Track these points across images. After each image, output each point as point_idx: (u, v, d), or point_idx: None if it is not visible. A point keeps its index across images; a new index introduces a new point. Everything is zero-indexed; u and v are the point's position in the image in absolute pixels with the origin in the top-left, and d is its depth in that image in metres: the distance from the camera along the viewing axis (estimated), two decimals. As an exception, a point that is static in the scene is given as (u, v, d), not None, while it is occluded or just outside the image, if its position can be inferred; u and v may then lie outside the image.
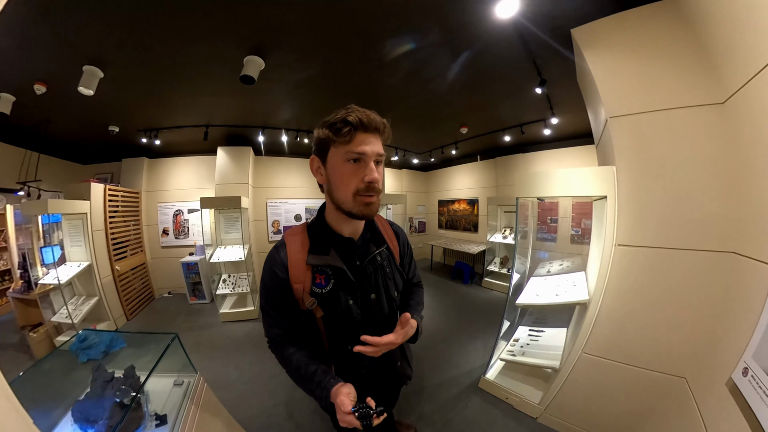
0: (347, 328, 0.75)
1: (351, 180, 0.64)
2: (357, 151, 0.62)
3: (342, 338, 0.76)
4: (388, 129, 0.67)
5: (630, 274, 1.36)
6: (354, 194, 0.65)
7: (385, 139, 0.68)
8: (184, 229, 4.30)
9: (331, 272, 0.73)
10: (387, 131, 0.67)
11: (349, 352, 0.77)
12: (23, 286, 2.82)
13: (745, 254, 1.01)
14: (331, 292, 0.72)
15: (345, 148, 0.63)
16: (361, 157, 0.63)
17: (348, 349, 0.77)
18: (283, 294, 0.72)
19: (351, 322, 0.75)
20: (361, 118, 0.61)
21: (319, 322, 0.73)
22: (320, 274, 0.72)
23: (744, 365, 0.88)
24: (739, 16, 0.91)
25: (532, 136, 3.64)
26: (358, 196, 0.65)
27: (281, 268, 0.72)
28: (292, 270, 0.71)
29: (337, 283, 0.73)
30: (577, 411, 1.58)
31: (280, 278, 0.72)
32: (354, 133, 0.62)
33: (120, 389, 0.96)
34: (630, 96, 1.33)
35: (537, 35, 1.69)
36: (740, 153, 1.03)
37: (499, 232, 4.53)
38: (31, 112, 2.55)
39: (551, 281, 1.96)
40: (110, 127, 3.05)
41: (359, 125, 0.61)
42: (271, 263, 0.74)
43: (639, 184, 1.31)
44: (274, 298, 0.74)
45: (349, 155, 0.63)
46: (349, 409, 0.59)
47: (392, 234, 0.89)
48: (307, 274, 0.71)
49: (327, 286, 0.72)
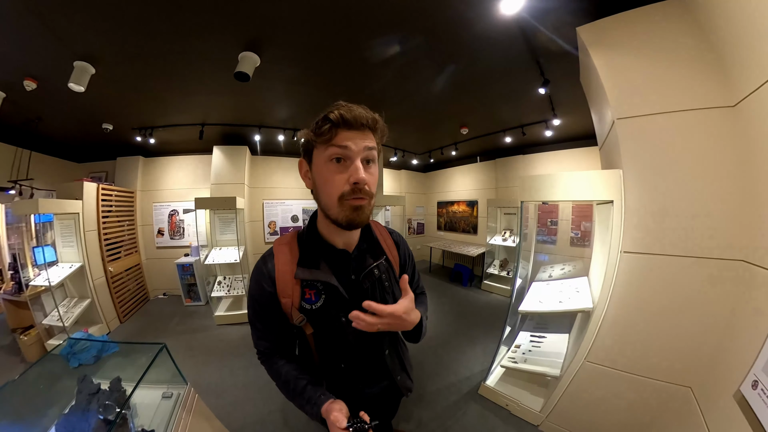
0: (339, 347, 0.70)
1: (335, 181, 0.57)
2: (339, 145, 0.55)
3: (333, 356, 0.71)
4: (381, 125, 0.60)
5: (636, 281, 1.32)
6: (339, 198, 0.57)
7: (380, 136, 0.61)
8: (179, 229, 4.24)
9: (322, 287, 0.66)
10: (380, 127, 0.60)
11: (342, 370, 0.72)
12: (14, 288, 2.75)
13: (756, 263, 0.98)
14: (321, 308, 0.65)
15: (326, 147, 0.56)
16: (345, 155, 0.56)
17: (341, 367, 0.72)
18: (270, 308, 0.66)
19: (343, 340, 0.68)
20: (343, 114, 0.54)
21: (309, 338, 0.68)
22: (310, 288, 0.65)
23: (754, 378, 0.86)
24: (751, 18, 0.88)
25: (533, 137, 3.61)
26: (345, 200, 0.57)
27: (268, 281, 0.66)
28: (280, 284, 0.65)
29: (329, 299, 0.66)
30: (580, 420, 1.54)
31: (267, 292, 0.66)
32: (336, 130, 0.55)
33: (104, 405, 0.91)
34: (638, 97, 1.29)
35: (541, 33, 1.65)
36: (751, 158, 0.99)
37: (499, 234, 4.50)
38: (22, 109, 2.49)
39: (554, 287, 1.92)
40: (104, 125, 2.99)
41: (340, 122, 0.54)
42: (258, 275, 0.68)
43: (646, 189, 1.27)
44: (260, 311, 0.68)
45: (332, 154, 0.56)
46: (344, 425, 0.55)
47: (392, 243, 0.81)
48: (295, 288, 0.65)
49: (317, 302, 0.65)
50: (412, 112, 3.06)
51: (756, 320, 0.94)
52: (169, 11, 1.49)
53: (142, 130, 3.20)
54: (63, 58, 1.81)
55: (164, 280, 4.14)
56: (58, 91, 2.11)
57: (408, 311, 0.61)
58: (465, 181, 5.43)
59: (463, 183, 5.48)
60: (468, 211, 5.37)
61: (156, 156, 4.15)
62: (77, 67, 1.86)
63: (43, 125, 2.83)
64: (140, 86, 2.32)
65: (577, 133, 3.47)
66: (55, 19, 1.49)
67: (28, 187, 3.05)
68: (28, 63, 1.88)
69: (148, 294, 4.10)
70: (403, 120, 3.29)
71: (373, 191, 0.60)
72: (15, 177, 3.03)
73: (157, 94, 2.52)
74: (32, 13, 1.43)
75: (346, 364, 0.72)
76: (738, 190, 1.06)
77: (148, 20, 1.55)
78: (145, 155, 4.10)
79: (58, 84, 1.94)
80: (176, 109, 2.89)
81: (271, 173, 4.53)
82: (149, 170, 4.17)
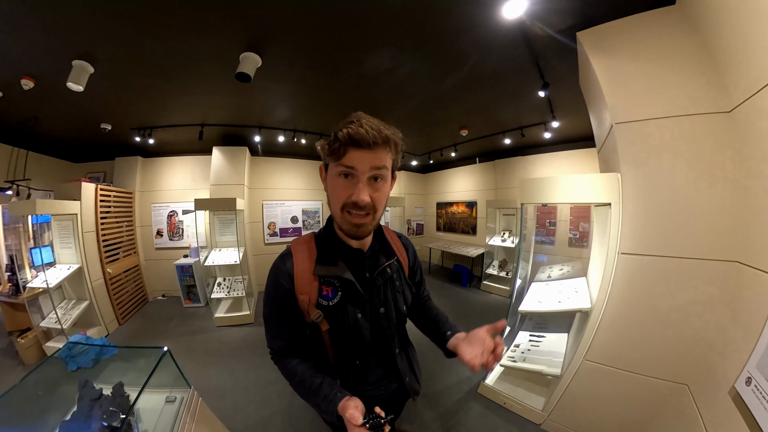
0: (354, 343, 0.72)
1: (340, 194, 0.62)
2: (346, 165, 0.59)
3: (348, 353, 0.74)
4: (394, 140, 0.61)
5: (633, 282, 1.34)
6: (341, 209, 0.63)
7: (394, 151, 0.63)
8: (178, 230, 4.22)
9: (338, 284, 0.70)
10: (392, 143, 0.61)
11: (356, 367, 0.75)
12: (11, 290, 2.72)
13: (750, 264, 1.01)
14: (338, 304, 0.69)
15: (337, 162, 0.60)
16: (351, 172, 0.60)
17: (356, 364, 0.74)
18: (287, 305, 0.69)
19: (359, 336, 0.72)
20: (351, 133, 0.56)
21: (325, 335, 0.70)
22: (327, 285, 0.69)
23: (747, 375, 0.89)
24: (748, 25, 0.90)
25: (532, 139, 3.63)
26: (346, 213, 0.62)
27: (286, 279, 0.69)
28: (298, 280, 0.68)
29: (345, 295, 0.70)
30: (581, 418, 1.57)
31: (285, 289, 0.68)
32: (345, 149, 0.58)
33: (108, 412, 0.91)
34: (636, 102, 1.31)
35: (541, 37, 1.67)
36: (746, 162, 1.02)
37: (498, 235, 4.53)
38: (19, 108, 2.46)
39: (553, 287, 1.94)
40: (102, 125, 2.96)
41: (348, 141, 0.57)
42: (276, 273, 0.70)
43: (643, 192, 1.30)
44: (277, 309, 0.71)
45: (340, 170, 0.61)
46: (360, 422, 0.56)
47: (401, 246, 0.86)
48: (313, 284, 0.68)
49: (334, 298, 0.69)
50: (412, 113, 3.08)
51: (749, 319, 0.96)
52: (169, 10, 1.48)
53: (141, 130, 3.18)
54: (61, 56, 1.79)
55: (163, 281, 4.11)
56: (56, 90, 2.09)
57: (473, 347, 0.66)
58: (464, 182, 5.45)
59: (462, 184, 5.51)
60: (467, 212, 5.39)
61: (155, 156, 4.13)
62: (76, 66, 1.85)
63: (41, 125, 2.80)
64: (139, 86, 2.30)
65: (576, 135, 3.50)
66: (54, 17, 1.48)
67: (26, 187, 3.02)
68: (26, 61, 1.86)
69: (147, 296, 4.07)
70: (404, 121, 3.30)
71: (378, 207, 0.64)
72: (12, 177, 3.00)
73: (157, 94, 2.50)
74: (31, 11, 1.42)
75: (360, 360, 0.75)
76: (732, 193, 1.09)
77: (148, 19, 1.54)
78: (144, 155, 4.07)
79: (56, 83, 1.93)
80: (176, 109, 2.88)
81: (270, 174, 4.52)
82: (148, 171, 4.14)
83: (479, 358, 0.61)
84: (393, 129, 0.62)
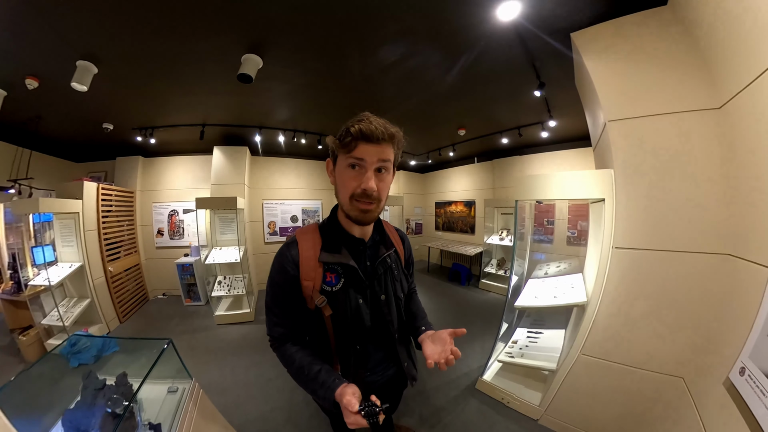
0: (355, 328, 0.76)
1: (349, 184, 0.67)
2: (356, 157, 0.66)
3: (349, 338, 0.77)
4: (398, 138, 0.69)
5: (627, 276, 1.36)
6: (350, 198, 0.68)
7: (397, 147, 0.70)
8: (179, 229, 4.24)
9: (342, 271, 0.74)
10: (397, 140, 0.69)
11: (357, 352, 0.78)
12: (13, 287, 2.74)
13: (742, 256, 1.03)
14: (341, 290, 0.73)
15: (347, 156, 0.67)
16: (360, 164, 0.66)
17: (356, 349, 0.78)
18: (291, 292, 0.72)
19: (359, 321, 0.75)
20: (362, 129, 0.63)
21: (327, 321, 0.73)
22: (331, 272, 0.73)
23: (741, 365, 0.90)
24: (736, 24, 0.93)
25: (530, 138, 3.66)
26: (355, 201, 0.68)
27: (292, 265, 0.72)
28: (303, 267, 0.72)
29: (348, 281, 0.74)
30: (578, 412, 1.58)
31: (290, 275, 0.72)
32: (356, 142, 0.65)
33: (111, 398, 0.93)
34: (628, 100, 1.34)
35: (537, 37, 1.70)
36: (736, 157, 1.04)
37: (496, 233, 4.55)
38: (23, 108, 2.49)
39: (549, 283, 1.96)
40: (104, 125, 2.99)
41: (359, 136, 0.64)
42: (282, 259, 0.74)
43: (636, 188, 1.32)
44: (281, 295, 0.74)
45: (350, 161, 0.67)
46: (356, 409, 0.58)
47: (398, 238, 0.92)
48: (318, 271, 0.72)
49: (338, 284, 0.73)
50: (411, 113, 3.11)
51: (742, 310, 0.98)
52: (173, 12, 1.51)
53: (143, 130, 3.21)
54: (66, 57, 1.82)
55: (164, 280, 4.13)
56: (59, 90, 2.12)
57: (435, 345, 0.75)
58: (463, 182, 5.48)
59: (460, 183, 5.53)
60: (466, 211, 5.42)
61: (156, 156, 4.16)
62: (80, 67, 1.87)
63: (43, 124, 2.83)
64: (142, 86, 2.33)
65: (573, 135, 3.53)
66: (59, 18, 1.50)
67: (28, 186, 3.04)
68: (31, 61, 1.89)
69: (148, 294, 4.09)
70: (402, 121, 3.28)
71: (382, 196, 0.70)
72: (14, 176, 3.02)
73: (159, 94, 2.54)
74: (37, 11, 1.45)
75: (361, 345, 0.78)
76: (723, 187, 1.11)
77: (152, 20, 1.57)
78: (145, 155, 4.10)
79: (60, 83, 1.95)
80: (177, 110, 2.91)
81: (271, 174, 4.55)
82: (149, 170, 4.17)
83: (436, 356, 0.70)
84: (396, 128, 0.69)
